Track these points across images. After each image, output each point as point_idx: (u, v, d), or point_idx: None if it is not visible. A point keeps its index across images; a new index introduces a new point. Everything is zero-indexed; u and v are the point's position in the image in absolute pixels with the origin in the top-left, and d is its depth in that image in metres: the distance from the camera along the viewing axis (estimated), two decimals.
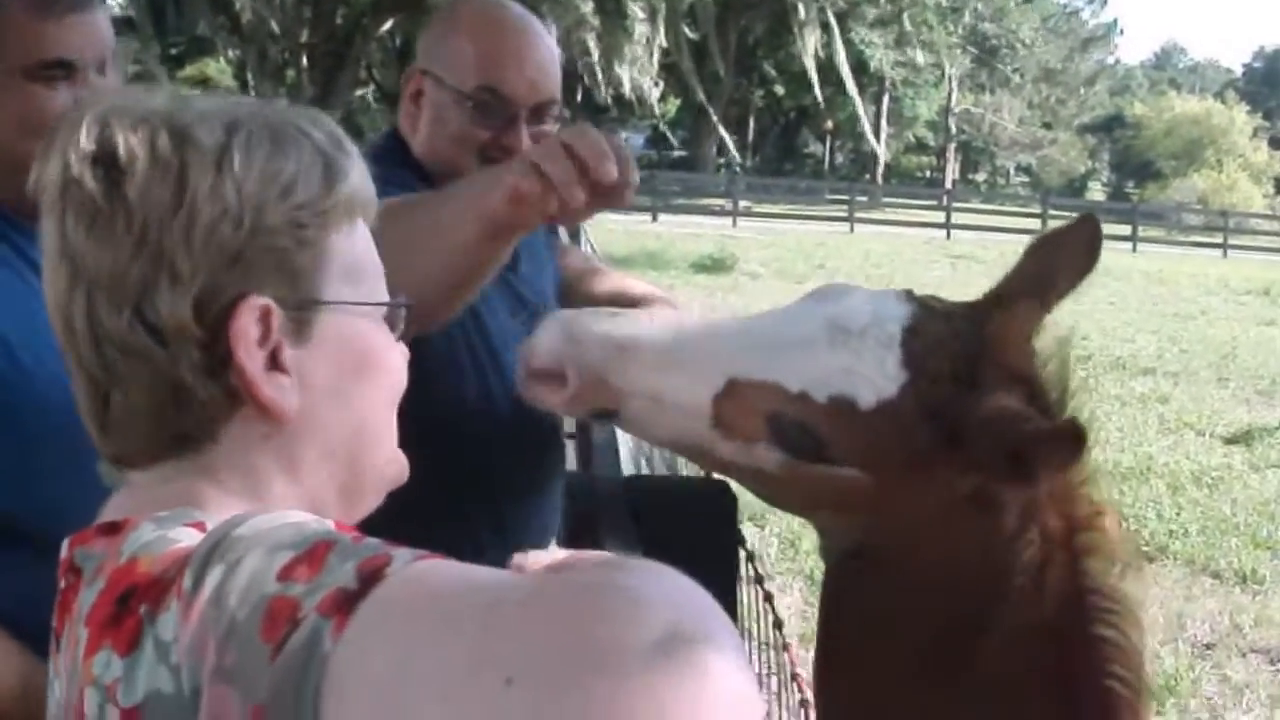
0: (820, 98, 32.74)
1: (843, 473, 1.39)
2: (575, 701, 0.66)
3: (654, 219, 30.62)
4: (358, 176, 1.00)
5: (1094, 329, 15.28)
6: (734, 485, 1.49)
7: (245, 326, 0.92)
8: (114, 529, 0.92)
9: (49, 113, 1.54)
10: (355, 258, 1.00)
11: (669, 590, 0.72)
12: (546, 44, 2.01)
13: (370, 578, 0.76)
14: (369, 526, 0.86)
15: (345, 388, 1.00)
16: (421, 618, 0.74)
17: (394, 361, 1.05)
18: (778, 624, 1.45)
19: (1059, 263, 1.51)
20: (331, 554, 0.79)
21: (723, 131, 35.85)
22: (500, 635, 0.71)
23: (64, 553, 0.95)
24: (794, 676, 1.34)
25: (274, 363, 0.94)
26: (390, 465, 1.07)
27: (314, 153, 0.96)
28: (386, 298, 1.04)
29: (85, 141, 0.92)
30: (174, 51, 32.68)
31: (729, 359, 1.44)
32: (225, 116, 0.94)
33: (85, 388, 0.95)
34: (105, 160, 0.91)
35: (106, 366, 0.93)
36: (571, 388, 1.41)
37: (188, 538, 0.88)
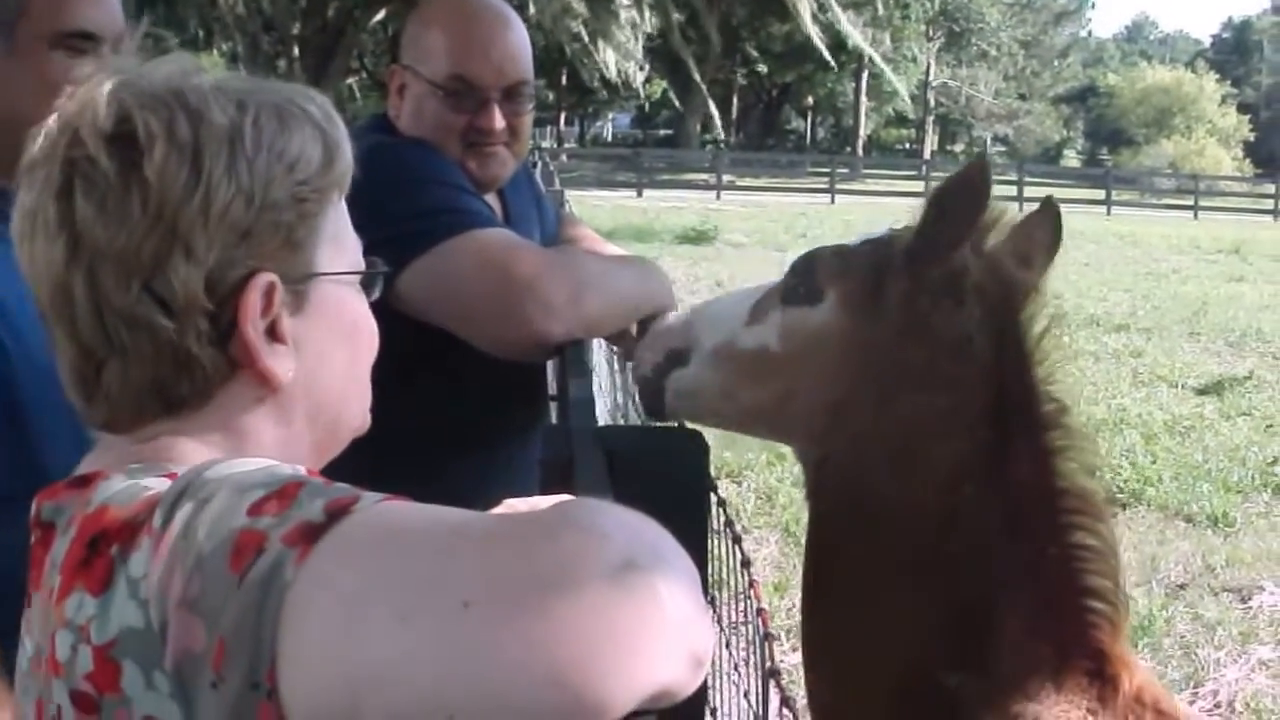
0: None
1: (818, 311, 1.66)
2: (528, 623, 0.71)
3: (639, 195, 30.59)
4: (348, 151, 1.03)
5: (1069, 289, 15.35)
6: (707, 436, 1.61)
7: (253, 301, 0.95)
8: (84, 482, 0.94)
9: (69, 83, 1.57)
10: (339, 228, 1.04)
11: (624, 524, 0.76)
12: (515, 29, 2.10)
13: (337, 513, 0.79)
14: (356, 477, 0.88)
15: (334, 353, 1.04)
16: (383, 548, 0.77)
17: (373, 326, 1.09)
18: (745, 563, 1.49)
19: (1032, 245, 1.68)
20: (302, 492, 0.82)
21: (711, 105, 35.78)
22: (459, 562, 0.75)
23: (32, 509, 0.97)
24: (759, 612, 1.38)
25: (272, 333, 0.97)
26: (361, 423, 1.11)
27: (314, 130, 0.99)
28: (362, 265, 1.08)
29: (103, 120, 0.93)
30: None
31: (762, 288, 1.81)
32: (233, 95, 0.97)
33: (76, 359, 0.96)
34: (123, 140, 0.92)
35: (108, 338, 0.94)
36: (675, 322, 1.89)
37: (160, 485, 0.89)
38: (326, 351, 1.03)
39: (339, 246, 1.03)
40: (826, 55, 32.39)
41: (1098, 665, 1.53)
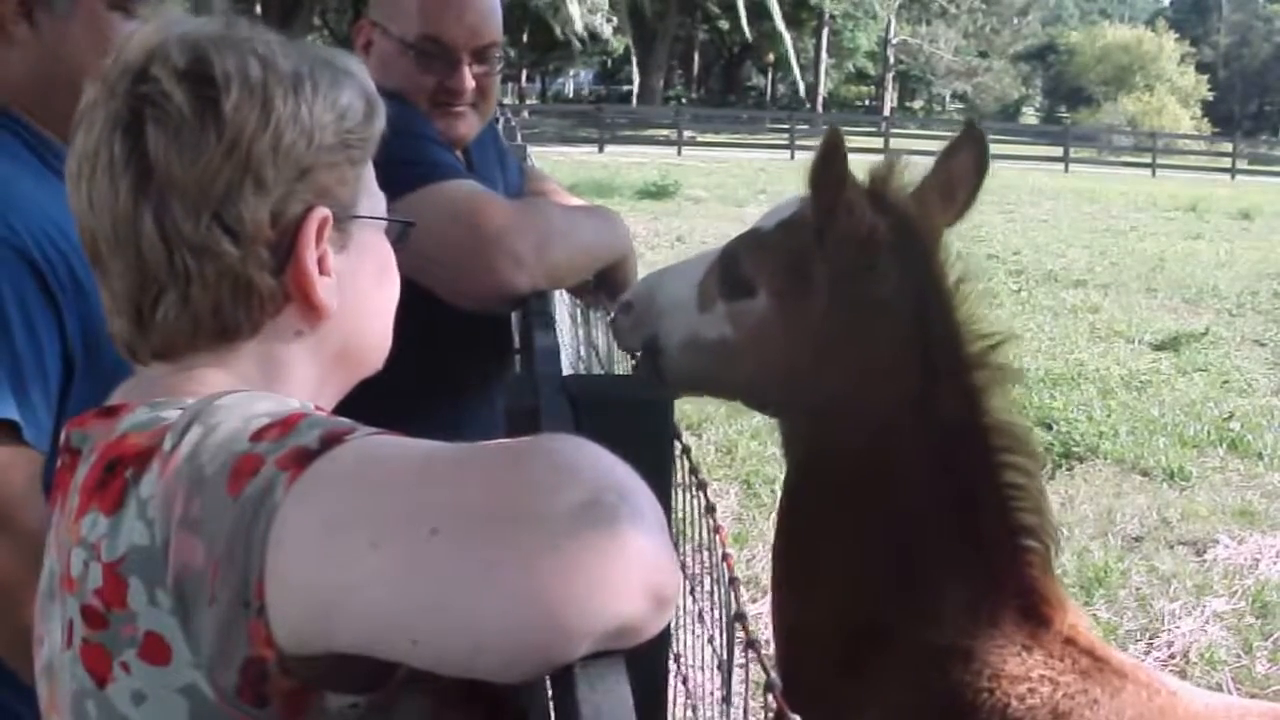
0: (750, 31, 32.84)
1: (757, 303, 1.77)
2: (490, 551, 0.74)
3: (600, 150, 30.59)
4: (384, 112, 1.11)
5: (1027, 245, 15.50)
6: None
7: (310, 233, 1.01)
8: (112, 412, 1.00)
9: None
10: (371, 181, 1.11)
11: (593, 459, 0.78)
12: None
13: (331, 441, 0.83)
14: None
15: (369, 292, 1.11)
16: (364, 475, 0.82)
17: (397, 274, 1.16)
18: (710, 509, 1.48)
19: (956, 174, 1.80)
20: (303, 422, 0.87)
21: (663, 61, 35.75)
22: (430, 490, 0.79)
23: (62, 436, 1.04)
24: (724, 557, 1.37)
25: (320, 266, 1.04)
26: (378, 364, 1.16)
27: (358, 89, 1.07)
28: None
29: (177, 58, 0.98)
30: None
31: (701, 263, 1.92)
32: (292, 47, 1.04)
33: (133, 290, 1.00)
34: (197, 77, 0.98)
35: (172, 266, 0.98)
36: (636, 308, 1.92)
37: (177, 415, 0.94)
38: (364, 290, 1.09)
39: (372, 197, 1.11)
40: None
41: (1030, 603, 1.65)
